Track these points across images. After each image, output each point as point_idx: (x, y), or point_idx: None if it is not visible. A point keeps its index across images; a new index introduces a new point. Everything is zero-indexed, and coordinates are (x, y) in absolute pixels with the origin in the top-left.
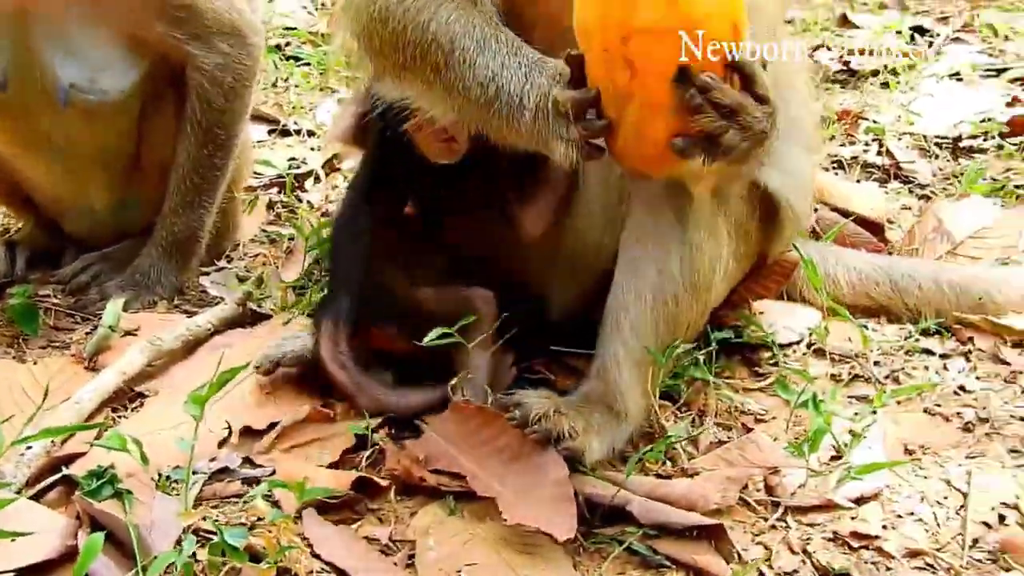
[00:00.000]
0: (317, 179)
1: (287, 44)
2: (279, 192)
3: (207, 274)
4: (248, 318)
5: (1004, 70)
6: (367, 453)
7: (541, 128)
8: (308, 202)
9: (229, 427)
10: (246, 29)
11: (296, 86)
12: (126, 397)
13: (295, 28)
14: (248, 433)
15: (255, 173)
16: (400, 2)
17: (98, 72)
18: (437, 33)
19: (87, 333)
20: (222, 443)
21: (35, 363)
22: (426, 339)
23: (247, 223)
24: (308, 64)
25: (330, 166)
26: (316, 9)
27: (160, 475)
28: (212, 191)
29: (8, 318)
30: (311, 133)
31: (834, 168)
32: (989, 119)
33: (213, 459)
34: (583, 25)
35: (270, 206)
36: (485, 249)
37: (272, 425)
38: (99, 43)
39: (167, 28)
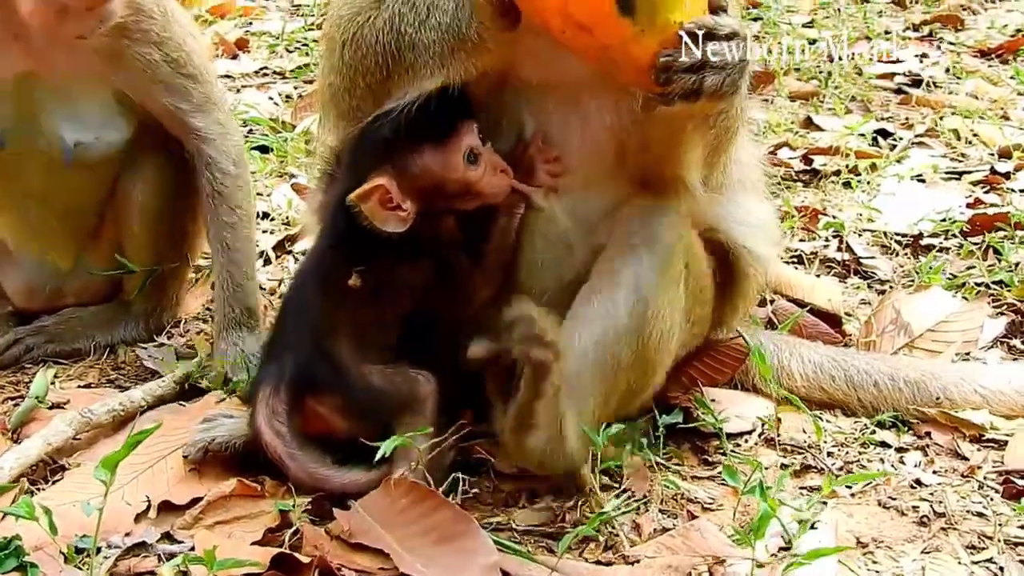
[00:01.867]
0: (267, 261)
1: (250, 132)
2: None
3: (145, 348)
4: (185, 394)
5: (966, 173)
6: (291, 531)
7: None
8: (258, 284)
9: (148, 501)
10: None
11: (254, 171)
12: (48, 469)
13: (258, 116)
14: (168, 508)
15: (204, 254)
16: (361, 27)
17: (100, 128)
18: (400, 12)
19: (14, 404)
20: (139, 517)
21: None
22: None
23: (191, 301)
24: (268, 150)
25: (281, 248)
26: (283, 101)
27: (69, 548)
28: (252, 256)
29: None
30: (265, 215)
31: (793, 262)
32: (950, 219)
33: (128, 534)
34: None
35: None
36: (435, 313)
37: (194, 500)
38: (101, 103)
39: (173, 100)
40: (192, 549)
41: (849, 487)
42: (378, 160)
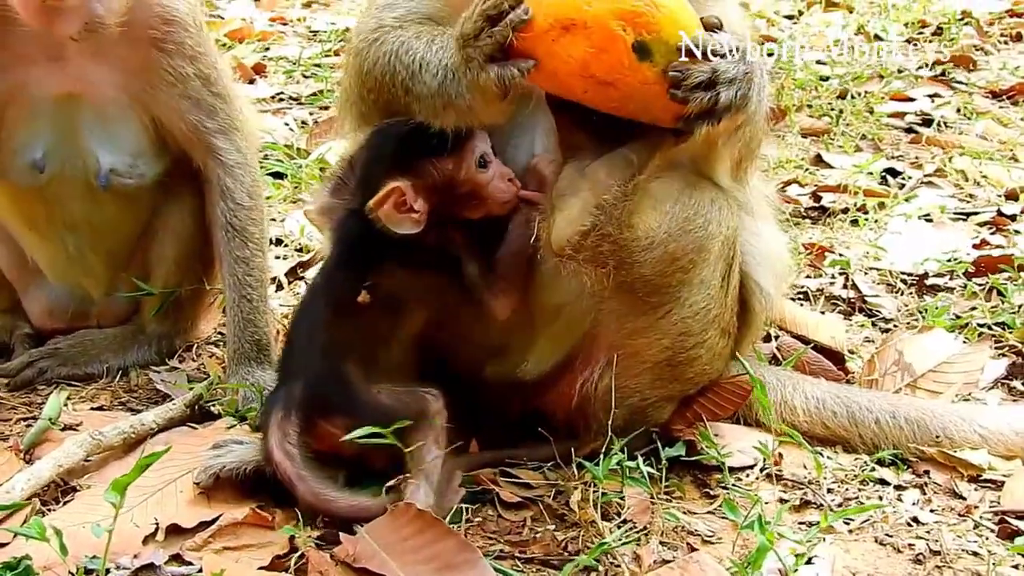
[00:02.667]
0: (280, 287)
1: (265, 158)
2: None
3: (157, 372)
4: (196, 417)
5: (973, 214)
6: (296, 555)
7: (456, 73)
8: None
9: (156, 523)
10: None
11: (268, 196)
12: (59, 490)
13: (274, 143)
14: (176, 531)
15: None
16: (370, 45)
17: (136, 157)
18: (398, 52)
19: (27, 425)
20: (147, 539)
21: None
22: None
23: (204, 325)
24: (282, 176)
25: (293, 274)
26: (298, 127)
27: (79, 569)
28: (264, 288)
29: None
30: (278, 241)
31: (799, 299)
32: (956, 259)
33: (136, 555)
34: None
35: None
36: (448, 332)
37: (202, 524)
38: (135, 129)
39: (200, 118)
40: (200, 572)
41: (847, 523)
42: (393, 164)
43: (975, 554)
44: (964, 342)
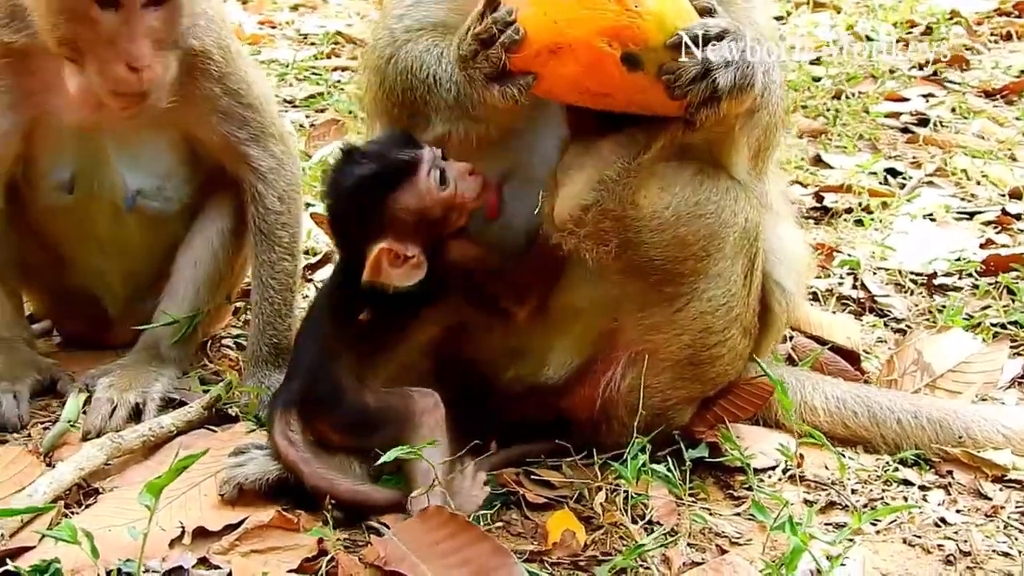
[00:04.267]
0: None
1: None
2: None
3: None
4: (213, 419)
5: (977, 213)
6: (326, 558)
7: (464, 89)
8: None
9: (182, 526)
10: (288, 136)
11: None
12: (80, 493)
13: None
14: (203, 534)
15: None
16: (388, 60)
17: (164, 180)
18: (411, 66)
19: (45, 428)
20: (174, 543)
21: None
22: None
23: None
24: None
25: (303, 276)
26: (296, 130)
27: (108, 572)
28: (289, 293)
29: None
30: None
31: (809, 299)
32: (963, 258)
33: (164, 559)
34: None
35: (235, 312)
36: (465, 339)
37: (228, 527)
38: (164, 150)
39: (230, 129)
40: (229, 574)
41: (874, 524)
42: (365, 231)
43: (1006, 554)
44: (982, 342)
